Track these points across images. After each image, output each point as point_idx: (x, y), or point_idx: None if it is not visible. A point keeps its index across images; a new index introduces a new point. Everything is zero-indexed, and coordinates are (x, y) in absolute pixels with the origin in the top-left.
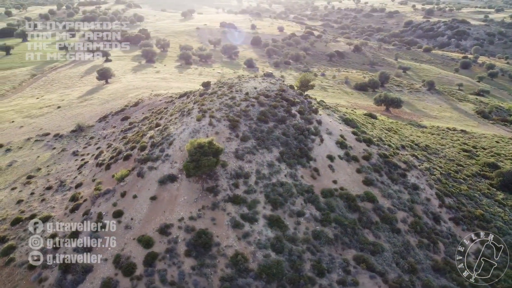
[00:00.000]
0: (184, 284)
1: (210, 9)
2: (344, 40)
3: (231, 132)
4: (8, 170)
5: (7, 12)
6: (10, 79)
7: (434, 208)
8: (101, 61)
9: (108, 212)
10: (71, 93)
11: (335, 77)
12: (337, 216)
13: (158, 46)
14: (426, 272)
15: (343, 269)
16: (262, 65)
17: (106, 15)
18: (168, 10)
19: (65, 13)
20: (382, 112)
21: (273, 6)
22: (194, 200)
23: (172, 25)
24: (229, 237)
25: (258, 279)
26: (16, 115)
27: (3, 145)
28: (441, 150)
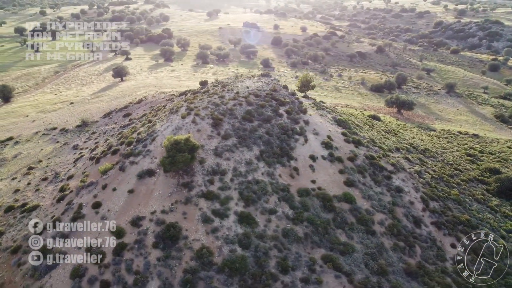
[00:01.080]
0: (148, 274)
1: (238, 9)
2: (368, 41)
3: (213, 130)
4: (13, 162)
5: (41, 11)
6: (35, 76)
7: (417, 211)
8: (121, 59)
9: (88, 203)
10: (86, 90)
11: (351, 78)
12: (310, 215)
13: (179, 45)
14: (397, 275)
15: (309, 268)
16: (279, 65)
17: (134, 14)
18: (196, 10)
19: (95, 12)
20: (393, 114)
21: (301, 6)
22: (169, 195)
23: (196, 25)
24: (197, 231)
25: (221, 272)
26: (31, 110)
27: (13, 138)
28: (441, 154)
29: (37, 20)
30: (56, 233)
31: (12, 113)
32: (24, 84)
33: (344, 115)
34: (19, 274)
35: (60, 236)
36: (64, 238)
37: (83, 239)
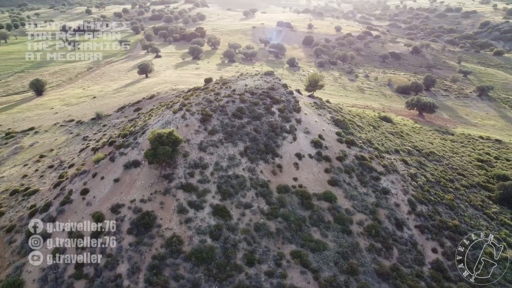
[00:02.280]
0: (119, 258)
1: (277, 8)
2: (405, 41)
3: (201, 125)
4: (28, 150)
5: (87, 10)
6: (69, 71)
7: (401, 214)
8: (151, 57)
9: (78, 190)
10: (112, 85)
11: (377, 79)
12: (285, 211)
13: (209, 44)
14: (368, 275)
15: (275, 262)
16: (305, 64)
17: (172, 14)
18: (235, 9)
19: (136, 11)
20: (413, 117)
21: (342, 5)
22: (150, 185)
23: (230, 24)
24: (171, 221)
25: (188, 261)
26: (58, 103)
27: (34, 128)
28: (448, 158)
29: (82, 18)
30: (45, 215)
31: (40, 105)
32: (59, 79)
33: (348, 115)
34: (9, 250)
35: (48, 218)
36: (52, 220)
37: (68, 222)
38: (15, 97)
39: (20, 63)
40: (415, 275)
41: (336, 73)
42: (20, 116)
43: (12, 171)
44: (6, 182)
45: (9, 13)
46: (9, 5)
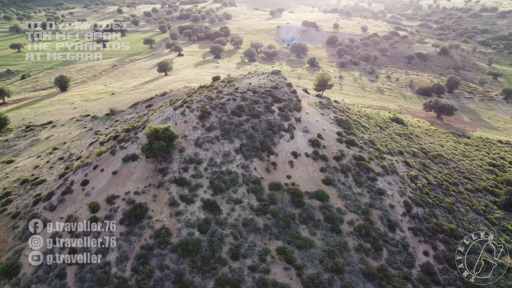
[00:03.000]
0: (109, 246)
1: (306, 8)
2: (434, 42)
3: (199, 121)
4: (44, 142)
5: (118, 10)
6: (95, 68)
7: (395, 215)
8: (174, 55)
9: (79, 181)
10: (131, 82)
11: (398, 80)
12: (275, 208)
13: (232, 43)
14: (354, 275)
15: (260, 257)
16: (327, 64)
17: (199, 13)
18: (263, 9)
19: (165, 11)
20: (431, 119)
21: (372, 5)
22: (145, 178)
23: (256, 23)
24: (162, 213)
25: (174, 252)
26: (78, 98)
27: (52, 122)
28: (456, 161)
29: (113, 18)
30: (47, 204)
31: (62, 101)
32: (84, 75)
33: (354, 115)
34: (12, 235)
35: (49, 207)
36: (53, 209)
37: (66, 211)
38: (42, 92)
39: (51, 60)
40: (402, 277)
41: (356, 73)
42: (42, 110)
43: (26, 162)
44: (19, 172)
45: (45, 12)
46: (47, 4)
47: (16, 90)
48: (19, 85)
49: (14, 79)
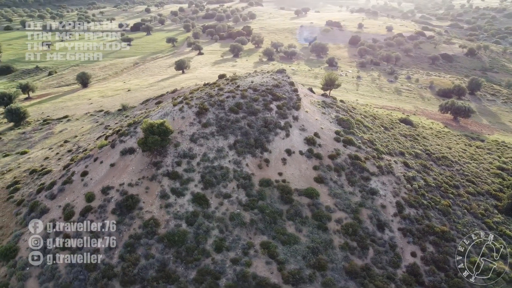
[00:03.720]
0: (101, 234)
1: (334, 7)
2: (463, 42)
3: (196, 118)
4: (58, 135)
5: (146, 9)
6: (117, 66)
7: (386, 215)
8: (194, 54)
9: (79, 172)
10: (149, 80)
11: (418, 81)
12: (263, 204)
13: (253, 42)
14: (336, 272)
15: (243, 251)
16: (346, 64)
17: (224, 12)
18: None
19: (191, 10)
20: (447, 121)
21: (402, 4)
22: (139, 171)
23: (279, 23)
24: (153, 205)
25: (160, 242)
26: (96, 94)
27: (68, 116)
28: (462, 164)
29: (141, 17)
30: (48, 193)
31: (81, 96)
32: (106, 72)
33: (359, 115)
34: (14, 221)
35: (49, 195)
36: (52, 198)
37: (65, 199)
38: (65, 88)
39: (77, 57)
40: (386, 277)
41: (375, 74)
42: (61, 105)
43: (38, 153)
44: (30, 163)
45: (77, 12)
46: (81, 3)
47: (42, 86)
48: (45, 81)
49: (42, 75)
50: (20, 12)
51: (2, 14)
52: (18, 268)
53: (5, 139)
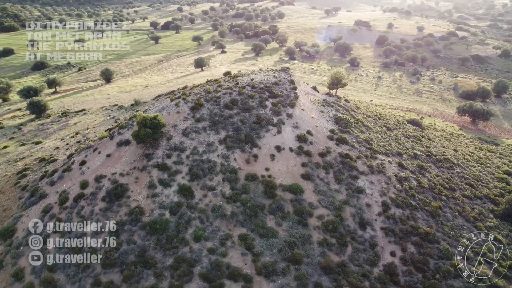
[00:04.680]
0: (89, 219)
1: (367, 7)
2: (499, 43)
3: (190, 112)
4: (72, 127)
5: (179, 8)
6: (142, 63)
7: (370, 214)
8: (217, 52)
9: (79, 161)
10: (168, 77)
11: (441, 82)
12: (246, 198)
13: (277, 41)
14: (311, 267)
15: (220, 241)
16: (369, 64)
17: (254, 12)
18: (322, 7)
19: (222, 9)
20: (464, 123)
21: (440, 4)
22: (132, 161)
23: (307, 22)
24: (140, 194)
25: (143, 229)
26: (116, 90)
27: (85, 110)
28: (465, 167)
29: (173, 16)
30: (49, 180)
31: (102, 91)
32: (131, 69)
33: (361, 115)
34: (16, 204)
35: (49, 181)
36: (52, 184)
37: (63, 186)
38: (90, 83)
39: (106, 54)
40: (361, 274)
41: (397, 74)
42: (81, 99)
43: (51, 143)
44: (42, 152)
45: (113, 11)
46: (117, 2)
47: (70, 81)
48: (74, 76)
49: (72, 71)
50: (60, 11)
51: (43, 12)
52: (13, 247)
53: (25, 129)
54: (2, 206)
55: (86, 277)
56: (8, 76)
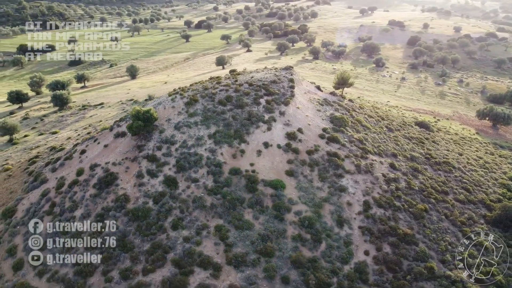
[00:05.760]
0: (80, 204)
1: (409, 6)
2: None
3: (184, 107)
4: (87, 119)
5: (215, 7)
6: (169, 60)
7: (349, 213)
8: (243, 51)
9: (79, 150)
10: (190, 74)
11: (468, 85)
12: (226, 190)
13: (305, 40)
14: (282, 260)
15: (197, 231)
16: (396, 65)
17: (288, 11)
18: (360, 7)
19: (256, 9)
20: (484, 128)
21: (486, 3)
22: (125, 152)
23: (340, 22)
24: (128, 183)
25: (126, 216)
26: (137, 86)
27: (103, 103)
28: (465, 172)
29: (209, 15)
30: (51, 166)
31: (124, 87)
32: (157, 66)
33: (362, 115)
34: (21, 188)
35: (51, 168)
36: (53, 170)
37: (62, 173)
38: (117, 79)
39: (139, 52)
40: (330, 270)
41: (422, 76)
42: (104, 94)
43: (65, 134)
44: (55, 141)
45: (152, 10)
46: (158, 1)
47: (100, 76)
48: (105, 72)
49: (104, 67)
50: (102, 10)
51: (86, 11)
52: (11, 226)
53: (46, 120)
54: (10, 189)
55: (69, 256)
56: (46, 71)
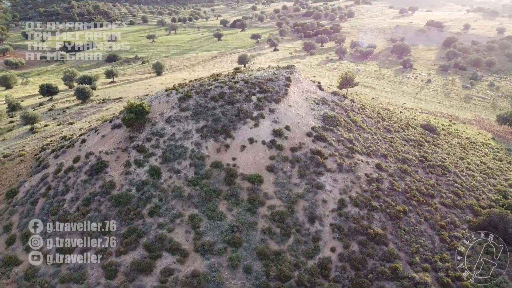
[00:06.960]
0: (71, 188)
1: (455, 6)
2: None
3: (177, 102)
4: (103, 112)
5: (253, 7)
6: (197, 58)
7: (323, 210)
8: (270, 50)
9: (81, 139)
10: (212, 71)
11: (498, 89)
12: (205, 182)
13: (335, 40)
14: (248, 251)
15: (171, 219)
16: (425, 67)
17: (326, 10)
18: (403, 6)
19: (293, 8)
20: (503, 133)
21: None
22: (118, 142)
23: (376, 22)
24: (116, 171)
25: (109, 201)
26: (158, 82)
27: (122, 98)
28: (461, 176)
29: (247, 14)
30: (55, 153)
31: (146, 83)
32: (184, 64)
33: (360, 115)
34: (27, 171)
35: (55, 155)
36: (56, 157)
37: (62, 160)
38: (144, 75)
39: (171, 49)
40: (293, 264)
41: (450, 78)
42: (126, 89)
43: (79, 124)
44: (69, 131)
45: (191, 9)
46: (200, 1)
47: (130, 73)
48: (136, 68)
49: (137, 63)
50: (145, 9)
51: (130, 10)
52: (11, 205)
53: (68, 112)
54: (18, 172)
55: (54, 236)
56: (84, 66)
